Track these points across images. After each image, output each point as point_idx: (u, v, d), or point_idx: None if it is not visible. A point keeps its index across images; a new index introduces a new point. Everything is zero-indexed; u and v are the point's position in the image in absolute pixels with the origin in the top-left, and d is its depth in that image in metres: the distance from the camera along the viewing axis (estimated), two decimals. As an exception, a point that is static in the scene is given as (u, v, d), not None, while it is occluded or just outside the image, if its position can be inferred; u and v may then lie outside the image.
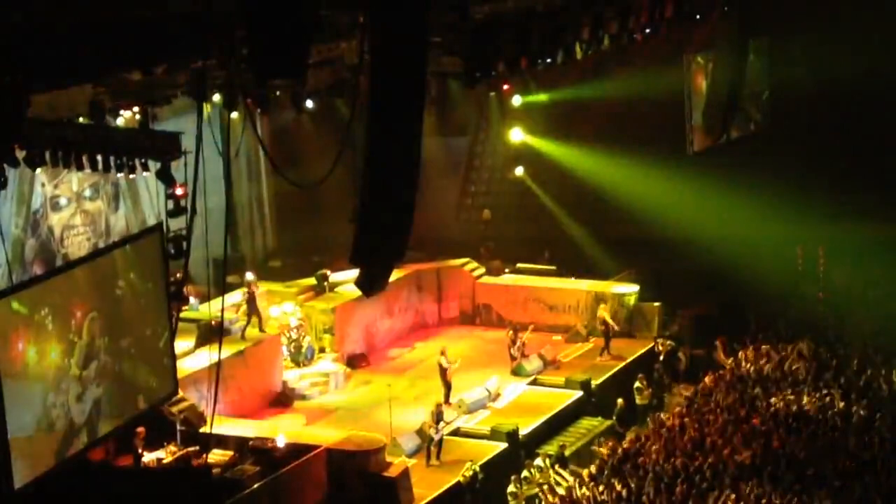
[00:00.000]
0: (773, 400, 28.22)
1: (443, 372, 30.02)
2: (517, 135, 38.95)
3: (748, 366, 30.94)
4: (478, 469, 25.78)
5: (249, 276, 31.77)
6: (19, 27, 16.01)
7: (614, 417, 29.64)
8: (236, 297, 30.87)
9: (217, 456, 24.56)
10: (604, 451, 27.03)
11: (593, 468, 26.05)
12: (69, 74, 18.32)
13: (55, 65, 17.07)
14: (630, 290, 35.06)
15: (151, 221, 29.39)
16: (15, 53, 16.12)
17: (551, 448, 27.70)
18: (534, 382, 31.61)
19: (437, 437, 27.07)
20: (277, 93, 25.28)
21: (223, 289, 24.17)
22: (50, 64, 16.87)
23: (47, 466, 20.35)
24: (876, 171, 40.71)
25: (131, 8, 17.61)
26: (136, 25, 18.16)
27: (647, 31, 29.14)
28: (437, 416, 27.32)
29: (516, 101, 36.99)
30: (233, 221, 35.49)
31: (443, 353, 30.44)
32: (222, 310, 22.41)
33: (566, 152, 40.51)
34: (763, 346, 32.00)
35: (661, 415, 29.02)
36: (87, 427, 21.34)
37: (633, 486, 24.30)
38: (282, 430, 26.45)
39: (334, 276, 33.62)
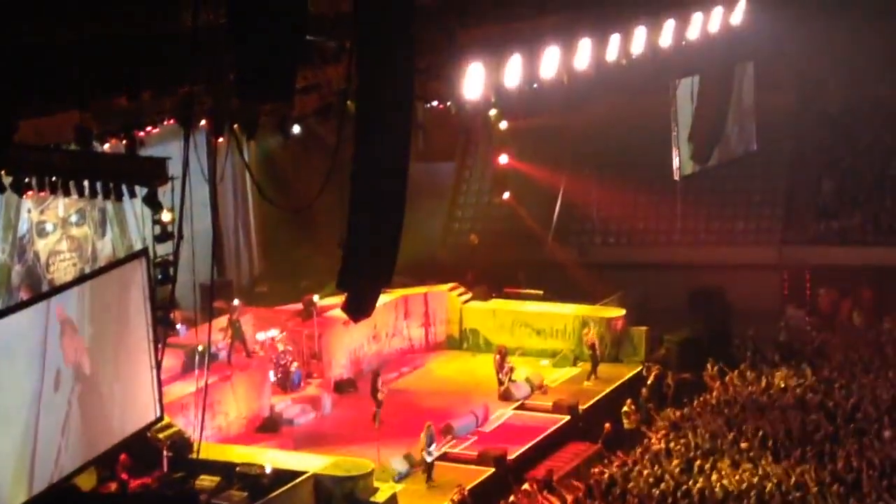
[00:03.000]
0: (759, 424, 28.21)
1: (374, 392, 30.16)
2: (504, 159, 39.00)
3: (735, 390, 30.94)
4: (466, 493, 25.70)
5: (236, 301, 31.72)
6: (5, 53, 16.02)
7: (602, 442, 29.60)
8: (223, 322, 30.79)
9: (204, 482, 24.45)
10: (592, 475, 26.99)
11: (581, 493, 26.00)
12: (55, 100, 18.34)
13: (41, 91, 17.08)
14: (617, 314, 35.07)
15: (138, 247, 29.31)
16: (1, 79, 16.12)
17: (539, 473, 27.63)
18: (521, 407, 31.58)
19: (430, 460, 27.07)
20: (264, 118, 25.27)
21: (210, 314, 24.13)
22: (36, 90, 16.87)
23: (29, 495, 20.22)
24: (860, 195, 40.87)
25: (117, 34, 17.64)
26: (123, 51, 18.19)
27: (633, 55, 29.39)
28: (430, 439, 27.30)
29: (503, 125, 37.04)
30: (219, 247, 35.40)
31: (377, 376, 30.65)
32: (209, 335, 22.40)
33: (553, 177, 40.61)
34: (750, 371, 32.02)
35: (649, 439, 28.98)
36: (70, 454, 21.23)
37: (620, 510, 24.29)
38: (269, 456, 26.38)
39: (321, 302, 33.56)
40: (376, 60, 16.41)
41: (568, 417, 30.61)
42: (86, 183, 21.26)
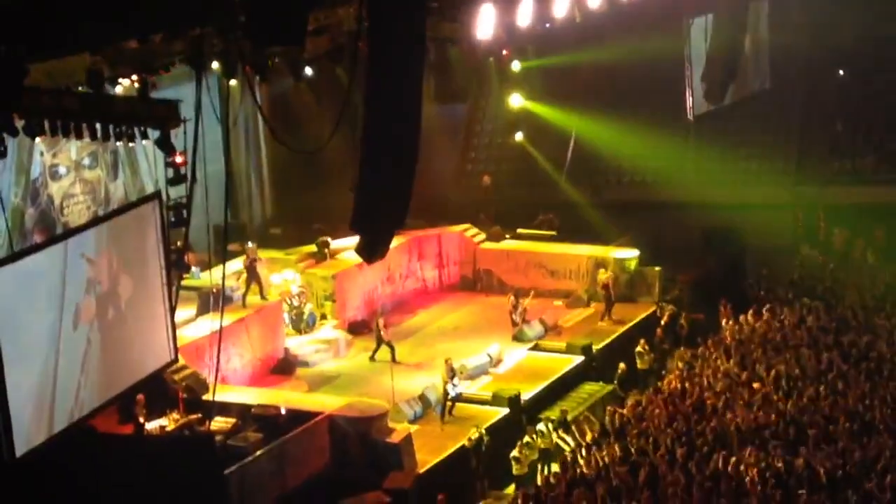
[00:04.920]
0: (773, 363, 28.24)
1: (378, 333, 30.54)
2: (516, 100, 38.88)
3: (748, 329, 30.96)
4: (484, 433, 25.80)
5: (250, 244, 31.78)
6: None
7: (616, 382, 29.69)
8: (237, 264, 30.87)
9: (220, 423, 24.61)
10: (606, 415, 27.09)
11: (595, 433, 26.10)
12: (67, 43, 18.28)
13: (53, 34, 17.02)
14: (630, 254, 35.06)
15: (150, 189, 29.35)
16: (13, 22, 16.08)
17: (553, 413, 27.74)
18: (535, 348, 31.65)
19: (453, 393, 27.24)
20: (276, 60, 25.22)
21: (224, 256, 24.18)
22: (48, 33, 16.82)
23: (48, 434, 20.35)
24: (874, 134, 40.70)
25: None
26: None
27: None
28: (451, 373, 27.42)
29: (515, 66, 36.89)
30: (232, 189, 35.42)
31: (381, 315, 31.27)
32: (223, 277, 22.46)
33: (565, 117, 40.49)
34: (763, 310, 32.01)
35: (663, 379, 29.05)
36: (90, 390, 21.32)
37: (634, 450, 24.35)
38: (284, 397, 26.50)
39: (335, 243, 33.62)
40: (388, 1, 16.35)
41: (582, 358, 30.69)
42: (98, 126, 21.27)
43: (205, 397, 25.22)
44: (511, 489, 25.46)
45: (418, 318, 34.50)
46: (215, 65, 23.04)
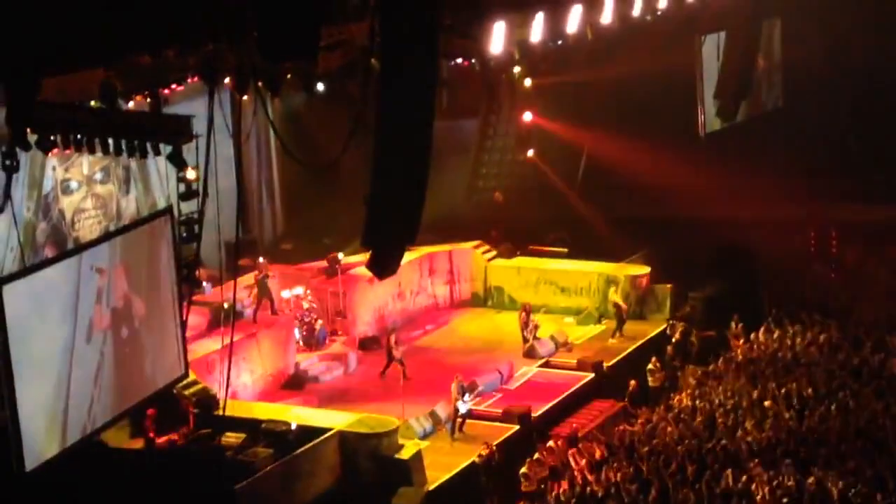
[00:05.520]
0: (784, 380, 28.17)
1: (389, 349, 30.48)
2: (528, 116, 38.85)
3: (760, 347, 30.89)
4: (494, 450, 25.75)
5: (261, 259, 31.78)
6: (31, 11, 16.02)
7: (626, 399, 29.62)
8: (248, 280, 30.87)
9: (229, 438, 24.57)
10: (616, 433, 27.03)
11: (605, 450, 26.03)
12: (80, 58, 18.34)
13: (66, 49, 17.09)
14: (641, 271, 35.01)
15: (162, 204, 29.38)
16: (27, 37, 16.14)
17: (563, 430, 27.68)
18: (546, 364, 31.61)
19: (464, 409, 27.20)
20: (288, 75, 25.26)
21: (235, 272, 24.17)
22: (61, 48, 16.88)
23: (58, 448, 20.35)
24: (888, 152, 40.63)
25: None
26: (147, 8, 18.17)
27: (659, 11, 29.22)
28: (461, 389, 27.36)
29: (527, 82, 36.89)
30: (244, 204, 35.40)
31: (392, 332, 31.07)
32: (234, 293, 22.45)
33: (577, 134, 40.45)
34: (775, 327, 31.94)
35: (674, 397, 28.98)
36: (103, 404, 21.34)
37: (644, 467, 24.28)
38: (294, 413, 26.47)
39: (346, 259, 33.60)
40: (401, 17, 16.36)
41: (592, 375, 30.65)
42: (111, 140, 21.31)
43: (215, 412, 25.19)
44: (520, 506, 25.42)
45: (429, 334, 34.46)
46: (227, 80, 23.08)
